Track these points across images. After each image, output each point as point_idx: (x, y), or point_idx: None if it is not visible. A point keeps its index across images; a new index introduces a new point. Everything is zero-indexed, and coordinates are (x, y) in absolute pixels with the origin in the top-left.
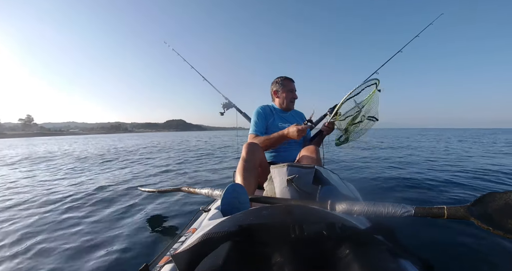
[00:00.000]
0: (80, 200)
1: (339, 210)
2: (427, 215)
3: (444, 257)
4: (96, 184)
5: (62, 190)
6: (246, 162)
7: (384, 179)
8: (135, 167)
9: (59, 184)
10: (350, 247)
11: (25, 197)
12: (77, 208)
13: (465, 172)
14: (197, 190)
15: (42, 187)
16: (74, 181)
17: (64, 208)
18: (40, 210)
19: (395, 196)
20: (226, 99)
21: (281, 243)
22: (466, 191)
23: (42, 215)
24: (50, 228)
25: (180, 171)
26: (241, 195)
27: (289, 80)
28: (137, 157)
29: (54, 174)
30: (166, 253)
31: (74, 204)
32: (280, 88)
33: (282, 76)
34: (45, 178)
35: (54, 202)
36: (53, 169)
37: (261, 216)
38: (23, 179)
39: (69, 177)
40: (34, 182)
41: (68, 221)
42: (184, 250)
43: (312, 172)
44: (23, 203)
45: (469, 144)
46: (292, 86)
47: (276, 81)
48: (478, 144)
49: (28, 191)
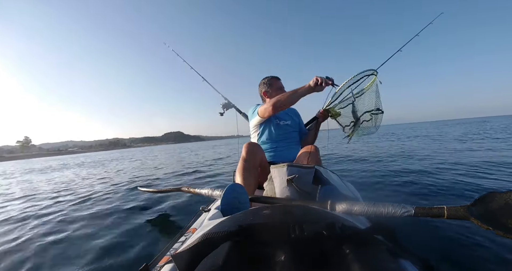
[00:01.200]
0: (80, 200)
1: (339, 210)
2: (427, 215)
3: (444, 257)
4: (96, 184)
5: (63, 189)
6: (246, 162)
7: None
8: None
9: (58, 183)
10: (350, 247)
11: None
12: (77, 207)
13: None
14: (197, 190)
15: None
16: (75, 181)
17: (64, 207)
18: (43, 211)
19: (396, 195)
20: (225, 99)
21: (281, 243)
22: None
23: (45, 215)
24: (50, 228)
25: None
26: (241, 195)
27: (276, 79)
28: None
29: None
30: (166, 253)
31: (74, 204)
32: (268, 88)
33: (268, 76)
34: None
35: (54, 202)
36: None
37: (261, 216)
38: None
39: (69, 175)
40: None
41: (68, 221)
42: (184, 250)
43: (312, 171)
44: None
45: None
46: (280, 84)
47: (263, 82)
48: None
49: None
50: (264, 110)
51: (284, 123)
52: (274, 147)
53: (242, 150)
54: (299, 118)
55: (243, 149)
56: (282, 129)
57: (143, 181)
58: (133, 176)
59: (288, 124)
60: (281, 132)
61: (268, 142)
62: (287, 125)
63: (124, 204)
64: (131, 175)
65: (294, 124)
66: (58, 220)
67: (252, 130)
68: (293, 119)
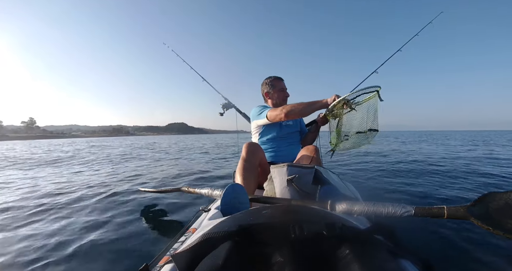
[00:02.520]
0: (80, 199)
1: (339, 210)
2: (427, 215)
3: (444, 257)
4: (96, 183)
5: (62, 188)
6: (246, 162)
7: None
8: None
9: (59, 181)
10: (350, 247)
11: (23, 199)
12: (77, 207)
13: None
14: (197, 190)
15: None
16: (73, 180)
17: (64, 207)
18: (38, 209)
19: (397, 195)
20: (225, 99)
21: (281, 243)
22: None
23: (42, 215)
24: (50, 228)
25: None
26: (241, 195)
27: (279, 79)
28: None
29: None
30: (166, 253)
31: (74, 204)
32: (271, 89)
33: (271, 77)
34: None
35: (54, 201)
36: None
37: (261, 216)
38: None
39: (67, 173)
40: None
41: (67, 220)
42: (184, 250)
43: (312, 172)
44: (16, 208)
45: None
46: (282, 85)
47: (266, 82)
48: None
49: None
50: (275, 116)
51: (286, 124)
52: (275, 147)
53: (242, 150)
54: (301, 118)
55: (243, 149)
56: (283, 130)
57: (142, 182)
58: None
59: (290, 125)
60: (282, 132)
61: (269, 142)
62: (288, 126)
63: (124, 204)
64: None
65: (296, 125)
66: (57, 220)
67: (254, 130)
68: (294, 119)
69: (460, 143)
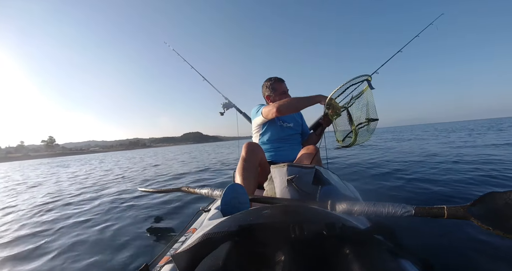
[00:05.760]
0: (80, 199)
1: (339, 210)
2: (427, 215)
3: (444, 257)
4: (96, 183)
5: (63, 187)
6: (246, 162)
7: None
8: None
9: (56, 181)
10: (350, 247)
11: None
12: (76, 207)
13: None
14: (197, 190)
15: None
16: (74, 179)
17: (63, 207)
18: (39, 209)
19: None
20: (226, 99)
21: (281, 243)
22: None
23: (44, 215)
24: (50, 228)
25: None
26: (241, 195)
27: (280, 82)
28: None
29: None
30: (166, 253)
31: (73, 204)
32: (272, 92)
33: (271, 79)
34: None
35: (53, 202)
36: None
37: (261, 216)
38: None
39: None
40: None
41: (67, 220)
42: (184, 250)
43: (312, 172)
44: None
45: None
46: (284, 87)
47: (266, 85)
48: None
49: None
50: (268, 112)
51: (287, 126)
52: (275, 147)
53: (241, 150)
54: (302, 120)
55: (243, 148)
56: (284, 132)
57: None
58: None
59: (291, 127)
60: (283, 134)
61: (269, 142)
62: (289, 128)
63: (124, 204)
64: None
65: (297, 127)
66: (57, 220)
67: (254, 129)
68: (296, 121)
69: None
